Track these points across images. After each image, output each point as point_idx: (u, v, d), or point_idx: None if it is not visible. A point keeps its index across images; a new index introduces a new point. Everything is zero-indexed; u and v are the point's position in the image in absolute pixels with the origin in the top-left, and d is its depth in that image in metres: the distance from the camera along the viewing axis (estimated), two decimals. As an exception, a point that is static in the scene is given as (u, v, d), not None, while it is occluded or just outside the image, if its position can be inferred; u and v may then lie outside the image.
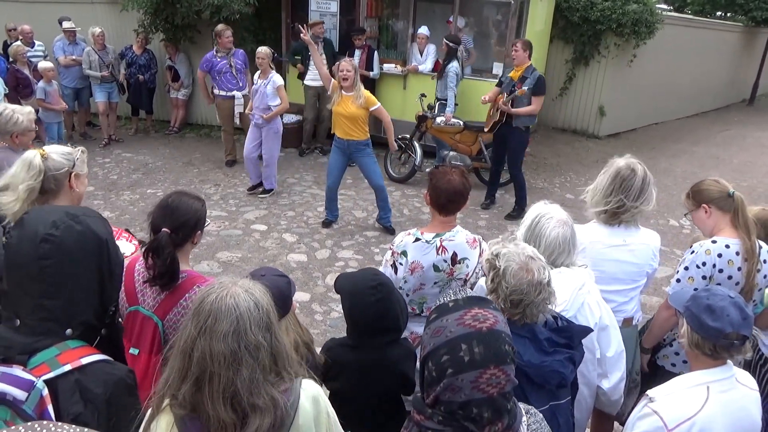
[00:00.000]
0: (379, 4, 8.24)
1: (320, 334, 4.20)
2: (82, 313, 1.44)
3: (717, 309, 1.71)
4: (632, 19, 8.75)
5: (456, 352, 1.25)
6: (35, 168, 2.16)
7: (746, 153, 9.87)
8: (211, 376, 1.27)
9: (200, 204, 2.20)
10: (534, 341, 1.76)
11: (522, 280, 1.74)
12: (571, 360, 1.78)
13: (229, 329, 1.28)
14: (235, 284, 1.35)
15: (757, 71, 13.87)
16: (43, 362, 1.35)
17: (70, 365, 1.37)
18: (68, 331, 1.41)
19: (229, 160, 7.82)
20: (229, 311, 1.29)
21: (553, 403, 1.78)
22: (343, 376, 2.09)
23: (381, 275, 2.19)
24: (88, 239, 1.46)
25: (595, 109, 9.76)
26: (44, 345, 1.37)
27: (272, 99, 6.26)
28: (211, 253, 5.38)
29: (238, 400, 1.28)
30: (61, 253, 1.40)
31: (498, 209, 6.71)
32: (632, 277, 2.61)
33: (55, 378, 1.34)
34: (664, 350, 2.67)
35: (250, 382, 1.29)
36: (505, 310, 1.79)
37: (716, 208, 2.48)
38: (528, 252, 1.82)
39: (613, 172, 2.53)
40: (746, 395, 1.79)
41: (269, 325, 1.35)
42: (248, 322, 1.30)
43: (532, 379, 1.73)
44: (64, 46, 8.30)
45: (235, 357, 1.27)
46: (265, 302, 1.36)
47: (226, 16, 7.46)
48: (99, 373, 1.40)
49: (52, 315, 1.40)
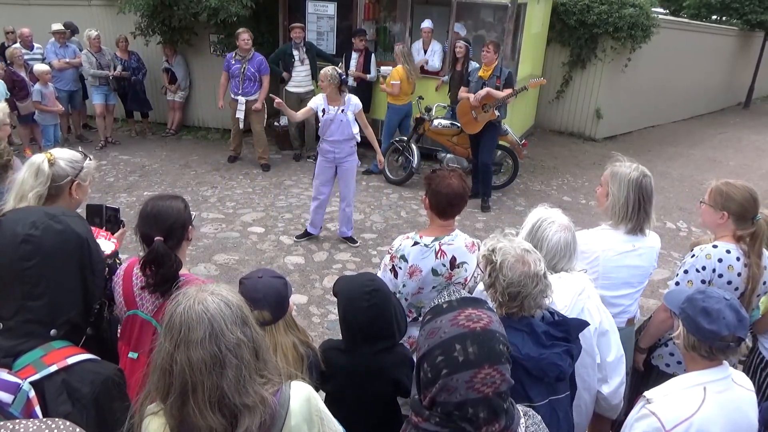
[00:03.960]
0: (376, 7, 8.25)
1: (317, 336, 4.19)
2: (66, 312, 1.43)
3: (713, 311, 1.71)
4: (628, 22, 8.80)
5: (450, 353, 1.25)
6: (43, 175, 2.17)
7: (742, 156, 9.91)
8: (194, 387, 1.25)
9: (179, 201, 2.17)
10: (531, 335, 1.77)
11: (519, 273, 1.76)
12: (568, 353, 1.79)
13: (205, 334, 1.26)
14: (200, 291, 1.33)
15: (753, 74, 13.93)
16: (29, 364, 1.34)
17: (56, 366, 1.36)
18: (53, 331, 1.40)
19: (231, 156, 7.92)
20: (201, 317, 1.28)
21: (552, 398, 1.79)
22: (335, 379, 2.09)
23: (377, 281, 2.18)
24: (68, 238, 1.44)
25: (592, 111, 9.80)
26: (29, 347, 1.36)
27: (354, 126, 5.11)
28: (208, 256, 5.37)
29: (226, 403, 1.26)
30: (42, 254, 1.39)
31: (496, 211, 6.72)
32: (639, 280, 2.64)
33: (42, 379, 1.33)
34: (659, 350, 2.68)
35: (237, 382, 1.27)
36: (502, 303, 1.81)
37: (734, 220, 2.45)
38: (524, 245, 1.85)
39: (627, 183, 2.51)
40: (742, 396, 1.79)
41: (245, 318, 1.33)
42: (222, 323, 1.28)
43: (531, 373, 1.73)
44: (55, 49, 8.28)
45: (216, 360, 1.26)
46: (235, 299, 1.35)
47: (223, 19, 7.47)
48: (86, 372, 1.40)
49: (35, 316, 1.38)
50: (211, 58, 8.64)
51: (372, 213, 6.47)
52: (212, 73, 8.86)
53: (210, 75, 8.91)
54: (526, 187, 7.57)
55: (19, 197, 2.17)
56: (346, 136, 5.08)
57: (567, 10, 9.22)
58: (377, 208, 6.65)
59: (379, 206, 6.69)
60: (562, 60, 9.68)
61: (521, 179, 7.63)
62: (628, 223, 2.53)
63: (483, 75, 6.28)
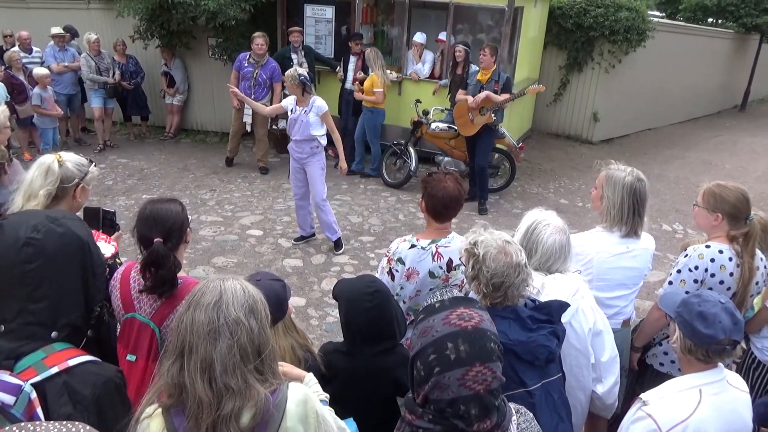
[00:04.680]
0: (374, 11, 8.29)
1: (316, 338, 4.21)
2: (68, 315, 1.45)
3: (709, 316, 1.73)
4: (624, 26, 8.86)
5: (442, 351, 1.28)
6: (53, 174, 2.20)
7: (738, 158, 9.96)
8: (191, 348, 1.31)
9: (177, 204, 2.21)
10: (518, 320, 1.81)
11: (502, 263, 1.82)
12: (554, 334, 1.83)
13: (211, 301, 1.34)
14: (226, 277, 1.42)
15: (749, 77, 13.98)
16: (30, 366, 1.36)
17: (57, 368, 1.38)
18: (54, 333, 1.42)
19: (229, 158, 7.93)
20: (215, 287, 1.37)
21: (545, 380, 1.83)
22: (337, 381, 2.10)
23: (378, 282, 2.20)
24: (69, 241, 1.47)
25: (589, 114, 9.84)
26: (30, 349, 1.39)
27: (316, 128, 5.13)
28: (207, 258, 5.39)
29: (214, 377, 1.30)
30: (43, 256, 1.41)
31: (493, 213, 6.75)
32: (634, 282, 2.67)
33: (43, 381, 1.35)
34: (654, 349, 2.71)
35: (225, 359, 1.31)
36: (487, 294, 1.85)
37: (728, 221, 2.49)
38: (504, 237, 1.90)
39: (622, 188, 2.54)
40: (737, 397, 1.81)
41: (254, 309, 1.38)
42: (230, 298, 1.35)
43: (522, 357, 1.77)
44: (54, 53, 8.30)
45: (213, 328, 1.31)
46: (253, 291, 1.41)
47: (221, 23, 7.49)
48: (86, 374, 1.42)
49: (37, 319, 1.40)
50: (210, 61, 8.67)
51: (370, 216, 6.49)
52: (210, 76, 8.90)
53: (208, 78, 8.95)
54: (523, 190, 7.61)
55: (27, 196, 2.19)
56: (305, 136, 5.14)
57: (563, 14, 9.27)
58: (375, 211, 6.68)
59: (377, 209, 6.72)
60: (559, 63, 9.73)
61: (518, 182, 7.67)
62: (623, 226, 2.56)
63: (481, 78, 6.34)
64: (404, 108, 7.87)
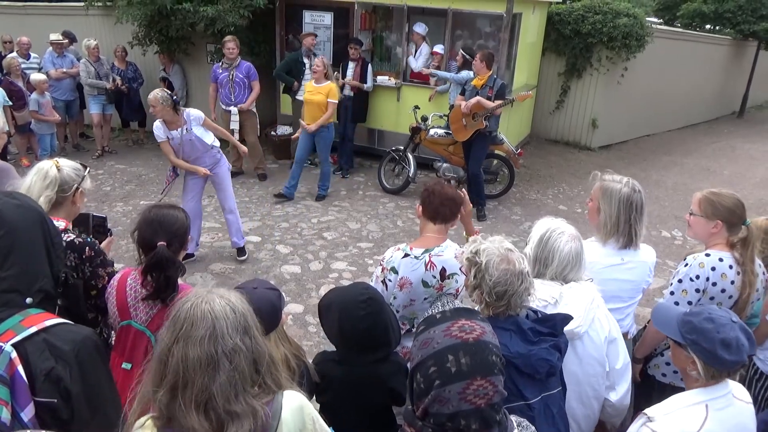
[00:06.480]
0: (373, 17, 8.30)
1: (313, 345, 4.18)
2: (39, 281, 1.52)
3: (731, 341, 1.67)
4: (623, 32, 8.87)
5: (443, 364, 1.25)
6: (51, 178, 2.21)
7: (736, 165, 9.97)
8: (185, 383, 1.26)
9: (180, 210, 2.25)
10: (519, 332, 1.78)
11: (504, 272, 1.79)
12: (556, 347, 1.80)
13: (205, 333, 1.28)
14: (210, 292, 1.36)
15: (746, 83, 14.03)
16: (8, 329, 1.42)
17: (35, 327, 1.43)
18: (28, 300, 1.49)
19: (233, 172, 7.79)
20: (205, 316, 1.29)
21: (545, 394, 1.80)
22: (331, 391, 2.08)
23: (371, 290, 2.16)
24: (28, 211, 1.56)
25: (588, 121, 9.85)
26: (7, 315, 1.45)
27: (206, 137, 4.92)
28: (205, 265, 5.36)
29: (213, 406, 1.26)
30: (7, 226, 1.49)
31: (492, 219, 6.73)
32: (630, 295, 2.62)
33: (22, 341, 1.40)
34: (655, 360, 2.67)
35: (227, 388, 1.27)
36: (489, 303, 1.82)
37: (727, 227, 2.47)
38: (506, 245, 1.88)
39: (618, 200, 2.51)
40: (742, 410, 1.78)
41: (247, 328, 1.34)
42: (225, 326, 1.30)
43: (522, 370, 1.74)
44: (52, 59, 8.29)
45: (211, 361, 1.27)
46: (241, 306, 1.36)
47: (220, 29, 7.50)
48: (64, 332, 1.47)
49: (10, 285, 1.47)
50: (208, 67, 8.64)
51: (368, 222, 6.47)
52: (209, 82, 8.87)
53: (207, 84, 8.88)
54: (522, 196, 7.60)
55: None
56: (202, 150, 4.92)
57: (562, 20, 9.30)
58: (374, 217, 6.66)
59: (376, 215, 6.70)
60: (557, 70, 9.75)
61: (517, 188, 7.66)
62: (620, 237, 2.53)
63: (477, 84, 6.36)
64: (403, 114, 7.87)
